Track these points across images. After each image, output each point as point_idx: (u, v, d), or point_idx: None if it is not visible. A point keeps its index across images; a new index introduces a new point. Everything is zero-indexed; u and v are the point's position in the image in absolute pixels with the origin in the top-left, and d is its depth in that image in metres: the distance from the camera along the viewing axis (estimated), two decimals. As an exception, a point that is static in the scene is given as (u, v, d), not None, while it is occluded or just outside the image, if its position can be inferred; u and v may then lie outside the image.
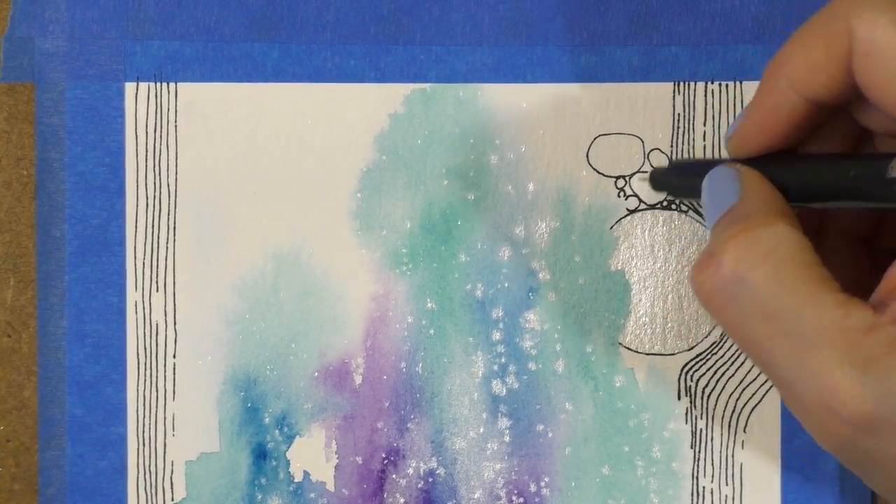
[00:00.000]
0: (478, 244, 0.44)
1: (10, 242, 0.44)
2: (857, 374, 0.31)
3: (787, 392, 0.33)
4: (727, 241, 0.33)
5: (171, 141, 0.44)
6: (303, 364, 0.44)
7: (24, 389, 0.44)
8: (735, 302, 0.33)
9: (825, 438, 0.33)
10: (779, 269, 0.32)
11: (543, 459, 0.44)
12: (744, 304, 0.33)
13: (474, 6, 0.44)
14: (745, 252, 0.33)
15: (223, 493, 0.44)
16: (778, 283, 0.32)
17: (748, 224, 0.33)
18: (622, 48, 0.44)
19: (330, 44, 0.44)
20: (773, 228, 0.33)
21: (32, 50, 0.43)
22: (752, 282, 0.32)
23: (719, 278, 0.33)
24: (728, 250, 0.33)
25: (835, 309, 0.31)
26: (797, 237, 0.33)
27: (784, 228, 0.33)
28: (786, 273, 0.32)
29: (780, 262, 0.32)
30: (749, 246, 0.33)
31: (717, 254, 0.33)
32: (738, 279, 0.33)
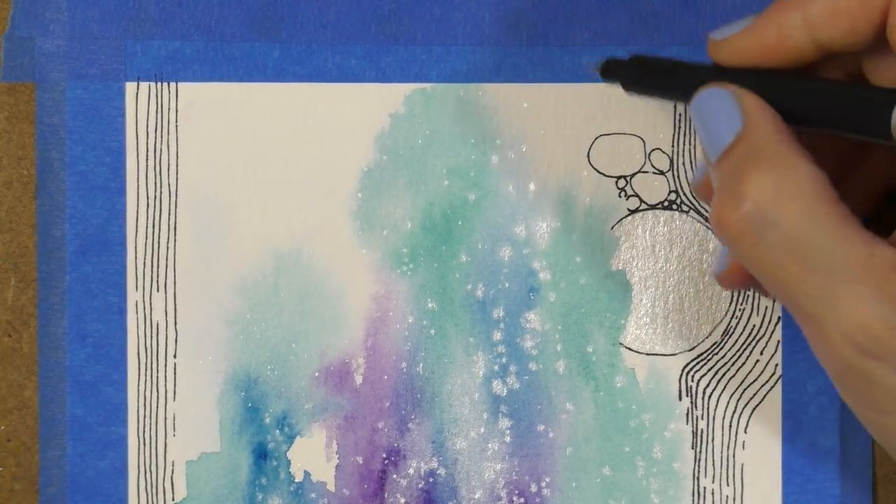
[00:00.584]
0: (479, 244, 0.44)
1: (11, 242, 0.44)
2: (887, 308, 0.31)
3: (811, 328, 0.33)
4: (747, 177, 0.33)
5: (172, 141, 0.44)
6: (303, 364, 0.44)
7: (24, 389, 0.44)
8: (763, 241, 0.33)
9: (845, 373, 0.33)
10: (807, 205, 0.32)
11: (544, 460, 0.44)
12: (773, 242, 0.32)
13: (475, 6, 0.44)
14: (771, 189, 0.32)
15: (224, 493, 0.44)
16: (807, 220, 0.32)
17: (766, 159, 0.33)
18: (623, 48, 0.43)
19: (331, 43, 0.44)
20: (797, 165, 0.32)
21: (33, 49, 0.43)
22: (780, 220, 0.32)
23: (746, 217, 0.33)
24: (753, 189, 0.33)
25: (863, 246, 0.32)
26: (818, 174, 0.33)
27: (804, 164, 0.33)
28: (814, 209, 0.32)
29: (807, 199, 0.32)
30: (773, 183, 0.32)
31: (742, 192, 0.33)
32: (765, 218, 0.32)
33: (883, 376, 0.32)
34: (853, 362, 0.32)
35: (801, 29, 0.34)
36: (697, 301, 0.44)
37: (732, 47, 0.35)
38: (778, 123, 0.34)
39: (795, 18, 0.34)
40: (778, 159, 0.33)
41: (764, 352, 0.44)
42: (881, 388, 0.32)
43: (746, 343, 0.44)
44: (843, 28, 0.33)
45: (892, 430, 0.34)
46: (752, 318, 0.44)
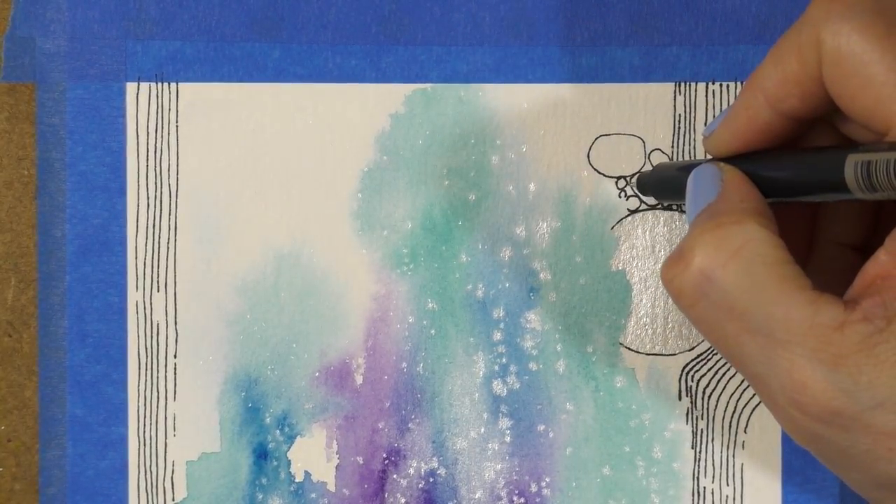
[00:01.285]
0: (479, 244, 0.44)
1: (11, 242, 0.44)
2: (825, 370, 0.31)
3: (759, 387, 0.33)
4: (695, 238, 0.33)
5: (173, 141, 0.44)
6: (304, 364, 0.44)
7: (24, 389, 0.44)
8: (704, 300, 0.33)
9: (796, 433, 0.33)
10: (746, 267, 0.32)
11: (544, 459, 0.44)
12: (712, 301, 0.33)
13: (475, 6, 0.44)
14: (714, 249, 0.33)
15: (224, 493, 0.44)
16: (745, 282, 0.32)
17: (718, 222, 0.33)
18: (623, 48, 0.44)
19: (331, 44, 0.44)
20: (743, 227, 0.33)
21: (33, 50, 0.43)
22: (719, 280, 0.33)
23: (688, 276, 0.33)
24: (696, 248, 0.33)
25: (805, 306, 0.31)
26: (767, 235, 0.33)
27: (753, 227, 0.33)
28: (753, 271, 0.32)
29: (747, 260, 0.32)
30: (717, 243, 0.33)
31: (685, 251, 0.34)
32: (706, 278, 0.33)
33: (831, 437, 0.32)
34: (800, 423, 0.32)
35: (764, 107, 0.35)
36: (697, 301, 0.44)
37: (718, 139, 0.36)
38: (747, 191, 0.35)
39: (757, 98, 0.35)
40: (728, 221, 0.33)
41: (764, 352, 0.44)
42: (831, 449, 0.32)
43: (746, 343, 0.44)
44: (796, 94, 0.34)
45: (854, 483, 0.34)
46: (752, 318, 0.44)
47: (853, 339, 0.31)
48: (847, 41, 0.32)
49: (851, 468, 0.33)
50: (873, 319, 0.31)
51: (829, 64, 0.33)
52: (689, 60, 0.44)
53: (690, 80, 0.44)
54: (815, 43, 0.33)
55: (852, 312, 0.31)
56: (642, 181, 0.42)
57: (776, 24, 0.44)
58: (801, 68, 0.33)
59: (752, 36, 0.43)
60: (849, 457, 0.32)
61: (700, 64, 0.44)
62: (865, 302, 0.31)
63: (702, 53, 0.44)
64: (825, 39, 0.33)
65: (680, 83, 0.44)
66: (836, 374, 0.31)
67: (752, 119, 0.35)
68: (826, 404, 0.31)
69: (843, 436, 0.32)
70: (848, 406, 0.31)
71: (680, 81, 0.44)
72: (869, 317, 0.31)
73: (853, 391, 0.31)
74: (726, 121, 0.36)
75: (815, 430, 0.32)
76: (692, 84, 0.44)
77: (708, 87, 0.44)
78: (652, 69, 0.44)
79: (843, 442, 0.32)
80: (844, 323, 0.31)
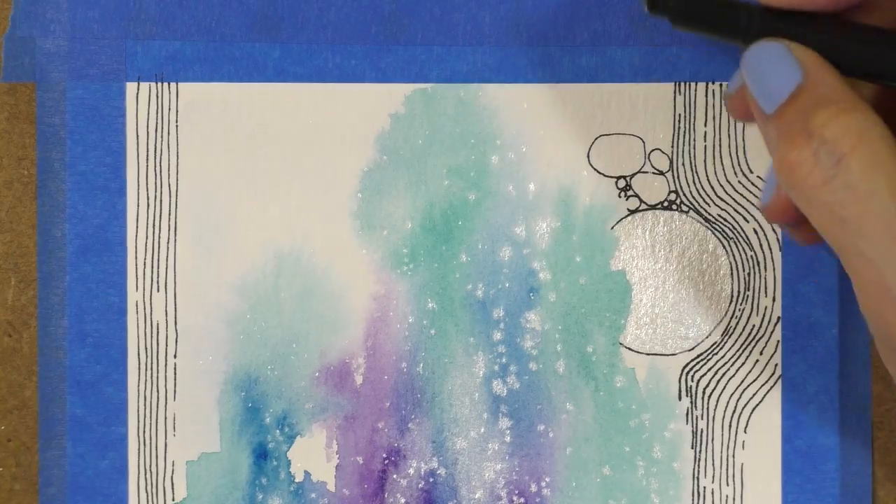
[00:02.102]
0: (479, 244, 0.44)
1: (11, 242, 0.44)
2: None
3: (870, 276, 0.33)
4: (822, 119, 0.33)
5: (172, 141, 0.44)
6: (304, 364, 0.44)
7: (24, 389, 0.44)
8: (831, 182, 0.33)
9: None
10: (875, 152, 0.33)
11: (544, 459, 0.44)
12: (839, 185, 0.33)
13: (475, 6, 0.44)
14: (844, 134, 0.33)
15: (224, 493, 0.44)
16: (874, 166, 0.33)
17: (840, 108, 0.33)
18: (623, 48, 0.44)
19: (331, 44, 0.44)
20: (865, 112, 0.33)
21: (33, 50, 0.43)
22: (850, 163, 0.33)
23: (818, 156, 0.33)
24: (825, 128, 0.33)
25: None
26: (882, 124, 0.33)
27: (871, 113, 0.33)
28: (880, 156, 0.33)
29: (874, 145, 0.33)
30: (847, 128, 0.33)
31: (812, 131, 0.33)
32: (835, 160, 0.33)
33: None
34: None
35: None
36: (697, 301, 0.44)
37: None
38: (837, 76, 0.35)
39: None
40: (846, 105, 0.34)
41: (764, 352, 0.44)
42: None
43: (746, 343, 0.44)
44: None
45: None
46: (752, 318, 0.44)
47: None
48: None
49: None
50: None
51: None
52: (689, 60, 0.44)
53: (690, 80, 0.44)
54: None
55: None
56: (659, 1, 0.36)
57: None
58: None
59: (751, 36, 0.43)
60: None
61: (700, 64, 0.44)
62: None
63: (702, 53, 0.44)
64: None
65: (680, 83, 0.44)
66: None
67: None
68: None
69: None
70: None
71: (680, 81, 0.44)
72: None
73: None
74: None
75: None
76: (692, 84, 0.44)
77: (708, 87, 0.44)
78: (652, 69, 0.44)
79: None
80: None
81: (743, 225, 0.44)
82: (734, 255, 0.44)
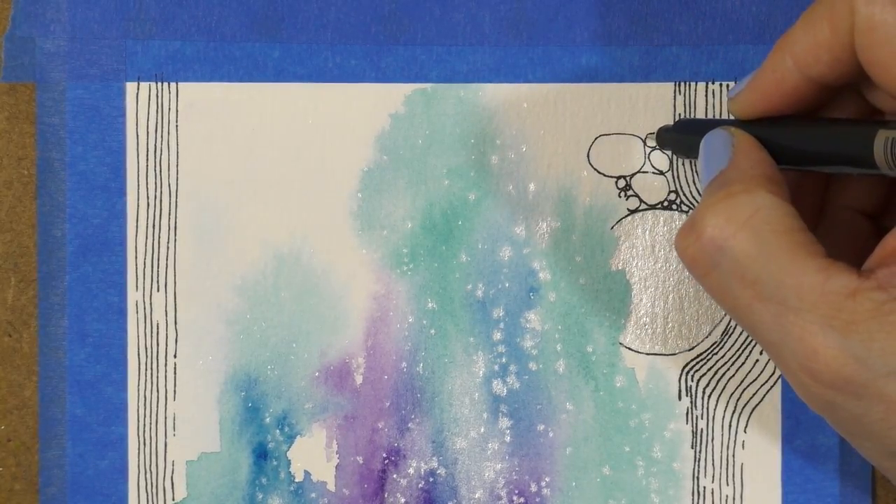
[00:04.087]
0: (478, 244, 0.44)
1: (11, 242, 0.44)
2: (837, 336, 0.31)
3: (773, 354, 0.34)
4: (707, 208, 0.34)
5: (172, 141, 0.44)
6: (303, 364, 0.44)
7: (24, 389, 0.44)
8: (716, 269, 0.33)
9: (809, 400, 0.33)
10: (757, 236, 0.33)
11: (544, 459, 0.44)
12: (725, 270, 0.33)
13: (475, 6, 0.44)
14: (725, 219, 0.33)
15: (224, 492, 0.44)
16: (756, 250, 0.32)
17: (729, 191, 0.33)
18: (623, 48, 0.44)
19: (331, 43, 0.44)
20: (754, 195, 0.33)
21: (33, 50, 0.43)
22: (731, 249, 0.33)
23: (700, 245, 0.34)
24: (708, 217, 0.33)
25: (816, 273, 0.32)
26: (777, 203, 0.33)
27: (764, 195, 0.33)
28: (765, 239, 0.32)
29: (759, 228, 0.33)
30: (728, 213, 0.33)
31: (697, 221, 0.34)
32: (717, 247, 0.33)
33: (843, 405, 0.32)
34: (813, 391, 0.32)
35: (792, 70, 0.35)
36: (697, 301, 0.44)
37: (743, 101, 0.37)
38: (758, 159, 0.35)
39: (786, 61, 0.35)
40: (739, 190, 0.33)
41: (763, 352, 0.44)
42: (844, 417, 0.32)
43: (746, 343, 0.44)
44: (826, 60, 0.34)
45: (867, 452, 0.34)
46: (752, 318, 0.44)
47: (866, 307, 0.31)
48: (881, 10, 0.32)
49: (864, 436, 0.33)
50: (888, 288, 0.31)
51: (861, 32, 0.33)
52: (689, 60, 0.44)
53: (690, 79, 0.44)
54: (849, 10, 0.33)
55: (866, 280, 0.31)
56: (662, 136, 0.42)
57: (776, 24, 0.44)
58: (832, 34, 0.34)
59: (751, 36, 0.43)
60: (861, 425, 0.32)
61: (700, 64, 0.44)
62: (881, 271, 0.31)
63: (701, 53, 0.44)
64: (859, 7, 0.33)
65: (680, 83, 0.44)
66: (847, 341, 0.31)
67: (779, 82, 0.35)
68: (838, 371, 0.31)
69: (855, 403, 0.32)
70: (860, 373, 0.31)
71: (680, 81, 0.44)
72: (884, 285, 0.31)
73: (865, 358, 0.31)
74: (752, 82, 0.36)
75: (828, 398, 0.32)
76: (692, 84, 0.44)
77: (708, 87, 0.44)
78: (652, 69, 0.44)
79: (856, 410, 0.32)
80: (857, 290, 0.31)
81: (743, 225, 0.44)
82: (734, 255, 0.44)
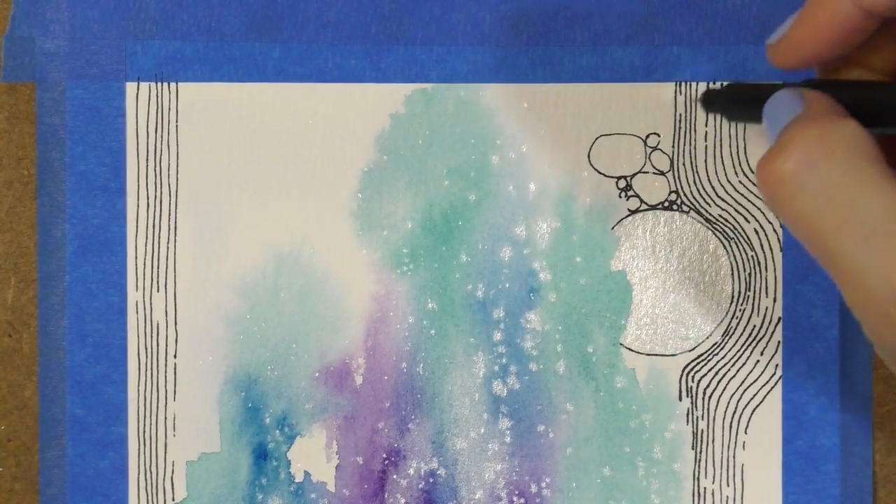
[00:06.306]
0: (479, 244, 0.44)
1: (11, 242, 0.44)
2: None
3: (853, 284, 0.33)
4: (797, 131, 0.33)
5: (172, 141, 0.44)
6: (303, 364, 0.44)
7: (24, 389, 0.44)
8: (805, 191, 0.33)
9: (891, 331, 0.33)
10: (850, 159, 0.32)
11: (544, 460, 0.44)
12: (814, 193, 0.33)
13: (475, 6, 0.44)
14: (817, 142, 0.33)
15: (224, 493, 0.44)
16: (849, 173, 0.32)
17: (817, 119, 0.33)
18: (624, 48, 0.43)
19: (331, 43, 0.44)
20: (843, 123, 0.33)
21: (33, 50, 0.43)
22: (823, 170, 0.33)
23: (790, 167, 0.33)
24: (799, 141, 0.33)
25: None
26: (866, 134, 0.33)
27: (853, 124, 0.33)
28: (857, 164, 0.32)
29: (851, 152, 0.33)
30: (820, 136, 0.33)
31: (787, 142, 0.33)
32: (809, 167, 0.33)
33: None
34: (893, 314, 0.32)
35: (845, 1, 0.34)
36: (697, 301, 0.44)
37: (789, 43, 0.36)
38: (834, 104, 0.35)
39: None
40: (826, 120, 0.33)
41: (764, 352, 0.44)
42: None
43: (746, 343, 0.44)
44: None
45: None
46: (753, 319, 0.44)
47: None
48: None
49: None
50: None
51: None
52: (690, 60, 0.44)
53: (691, 79, 0.44)
54: None
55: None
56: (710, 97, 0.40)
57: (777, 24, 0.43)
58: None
59: (752, 36, 0.43)
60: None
61: (700, 64, 0.44)
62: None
63: (702, 53, 0.44)
64: None
65: (680, 83, 0.44)
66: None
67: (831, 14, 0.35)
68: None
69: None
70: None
71: (680, 81, 0.44)
72: None
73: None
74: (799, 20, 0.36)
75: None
76: (693, 84, 0.44)
77: (708, 87, 0.44)
78: (652, 69, 0.44)
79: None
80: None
81: (744, 225, 0.44)
82: (735, 256, 0.44)
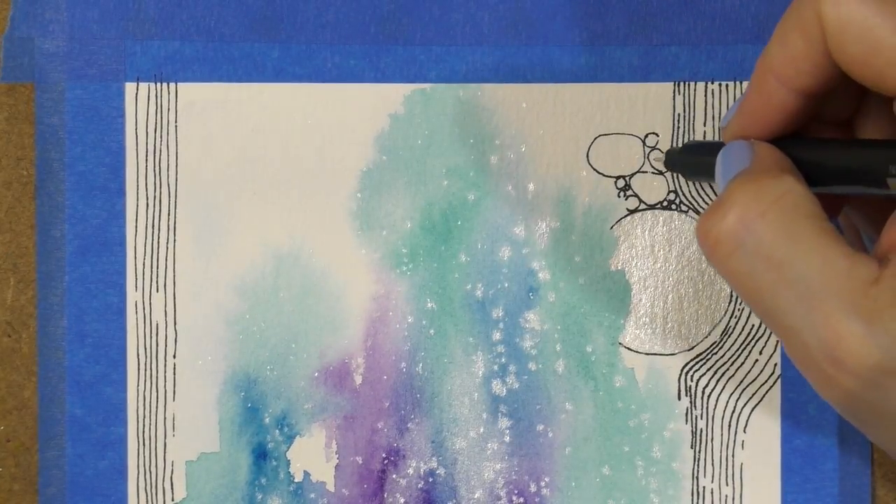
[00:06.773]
0: (478, 244, 0.44)
1: (11, 242, 0.44)
2: (862, 324, 0.31)
3: (792, 342, 0.33)
4: (734, 189, 0.33)
5: (172, 141, 0.44)
6: (303, 364, 0.44)
7: (24, 389, 0.44)
8: (741, 250, 0.33)
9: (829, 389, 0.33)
10: (785, 217, 0.32)
11: (543, 459, 0.44)
12: (749, 252, 0.33)
13: (474, 6, 0.44)
14: (753, 200, 0.33)
15: (223, 493, 0.44)
16: (784, 232, 0.32)
17: (756, 177, 0.33)
18: (622, 48, 0.44)
19: (330, 44, 0.44)
20: (780, 180, 0.33)
21: (32, 50, 0.43)
22: (758, 229, 0.33)
23: (725, 226, 0.33)
24: (736, 199, 0.33)
25: (842, 259, 0.31)
26: (804, 190, 0.33)
27: (792, 180, 0.33)
28: (792, 222, 0.32)
29: (786, 211, 0.32)
30: (756, 194, 0.33)
31: (723, 202, 0.33)
32: (744, 227, 0.33)
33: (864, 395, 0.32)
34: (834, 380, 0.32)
35: (776, 88, 0.35)
36: (697, 301, 0.44)
37: (735, 127, 0.37)
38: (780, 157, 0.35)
39: (769, 80, 0.35)
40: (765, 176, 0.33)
41: (763, 351, 0.44)
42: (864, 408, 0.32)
43: (746, 343, 0.44)
44: (806, 70, 0.34)
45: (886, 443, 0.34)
46: (752, 318, 0.44)
47: (889, 294, 0.31)
48: (847, 9, 0.32)
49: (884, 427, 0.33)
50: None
51: (832, 34, 0.33)
52: (689, 60, 0.44)
53: (689, 79, 0.44)
54: (817, 17, 0.33)
55: (886, 268, 0.31)
56: (671, 159, 0.42)
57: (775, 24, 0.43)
58: (806, 44, 0.34)
59: (751, 35, 0.43)
60: (881, 415, 0.32)
61: (699, 63, 0.44)
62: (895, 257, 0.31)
63: (701, 53, 0.44)
64: (826, 11, 0.33)
65: (679, 83, 0.44)
66: (872, 328, 0.31)
67: (766, 102, 0.35)
68: (862, 359, 0.31)
69: (877, 393, 0.31)
70: (884, 361, 0.31)
71: (679, 81, 0.44)
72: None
73: (889, 347, 0.31)
74: (742, 108, 0.36)
75: (849, 387, 0.32)
76: (691, 84, 0.44)
77: (707, 87, 0.44)
78: (651, 69, 0.44)
79: (877, 399, 0.32)
80: (880, 278, 0.31)
81: (742, 225, 0.44)
82: (733, 255, 0.44)
